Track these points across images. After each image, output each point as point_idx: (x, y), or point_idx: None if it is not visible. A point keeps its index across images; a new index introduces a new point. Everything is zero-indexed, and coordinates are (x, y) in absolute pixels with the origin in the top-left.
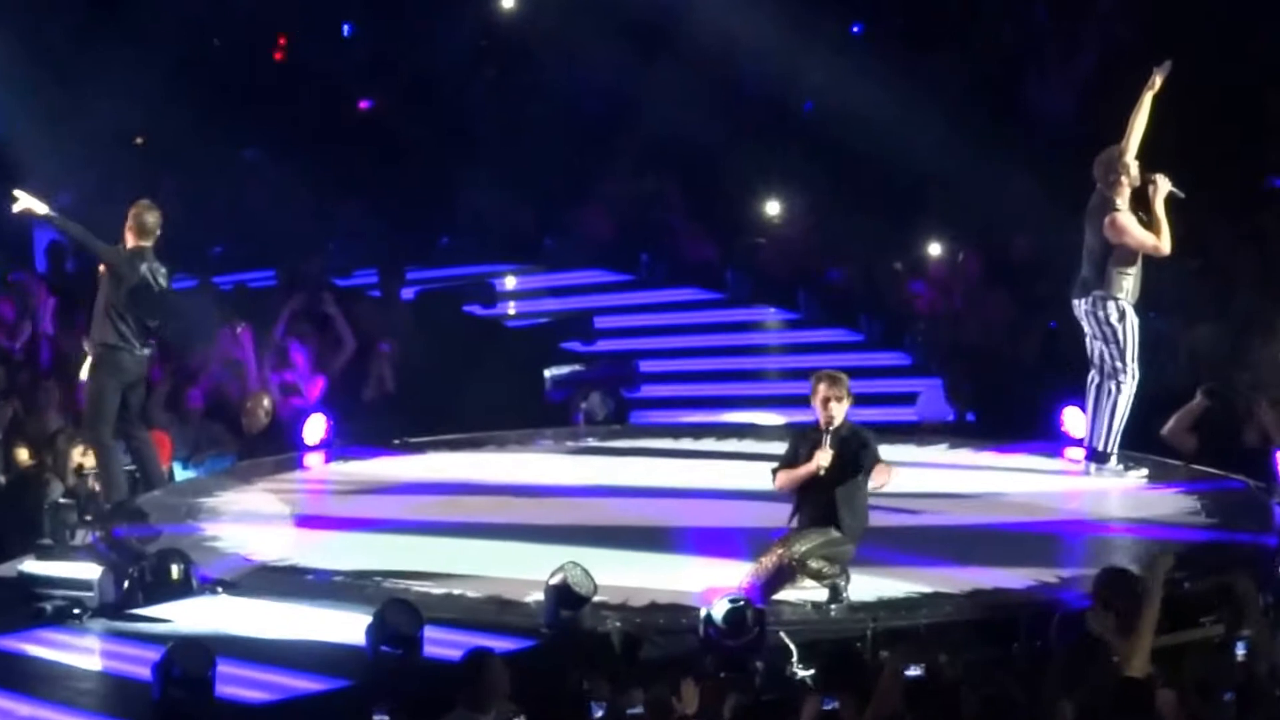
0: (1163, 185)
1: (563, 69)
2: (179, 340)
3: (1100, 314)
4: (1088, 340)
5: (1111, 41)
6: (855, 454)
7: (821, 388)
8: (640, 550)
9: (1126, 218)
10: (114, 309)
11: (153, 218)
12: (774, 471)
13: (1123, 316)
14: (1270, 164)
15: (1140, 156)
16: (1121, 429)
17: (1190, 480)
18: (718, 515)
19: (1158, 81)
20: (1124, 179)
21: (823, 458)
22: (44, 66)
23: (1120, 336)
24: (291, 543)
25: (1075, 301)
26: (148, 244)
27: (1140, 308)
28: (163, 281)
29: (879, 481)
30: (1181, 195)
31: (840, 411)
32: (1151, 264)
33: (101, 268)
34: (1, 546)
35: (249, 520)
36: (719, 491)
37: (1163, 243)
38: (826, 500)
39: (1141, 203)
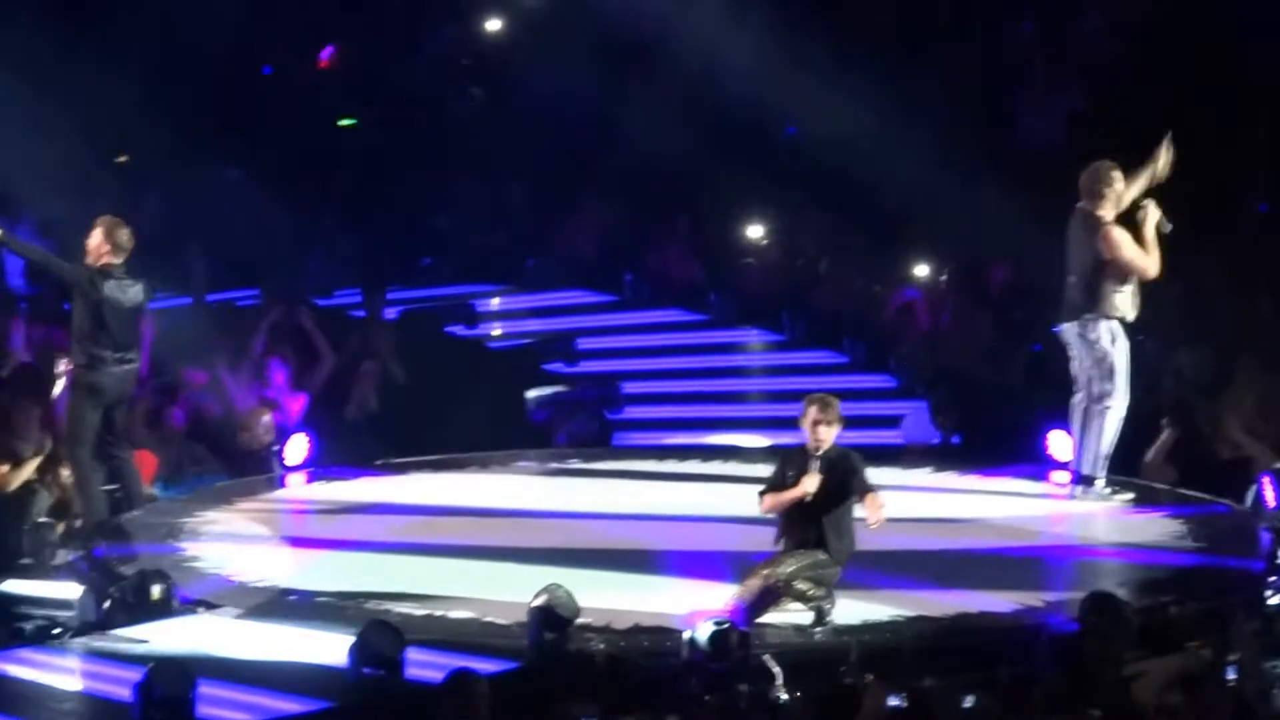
0: (1153, 212)
1: (546, 89)
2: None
3: (1091, 335)
4: (1073, 364)
5: (1098, 65)
6: (843, 478)
7: (812, 411)
8: (624, 572)
9: (1120, 232)
10: (84, 329)
11: (123, 234)
12: (760, 494)
13: (1114, 339)
14: (1257, 188)
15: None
16: (1110, 452)
17: (1177, 504)
18: (702, 537)
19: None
20: (1108, 191)
21: (809, 483)
22: (23, 84)
23: (1110, 358)
24: (273, 563)
25: (1064, 326)
26: (117, 261)
27: (1129, 330)
28: (135, 298)
29: (873, 518)
30: (1168, 228)
31: (829, 436)
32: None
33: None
34: None
35: (231, 540)
36: (703, 514)
37: (1151, 264)
38: (813, 523)
39: (1129, 227)
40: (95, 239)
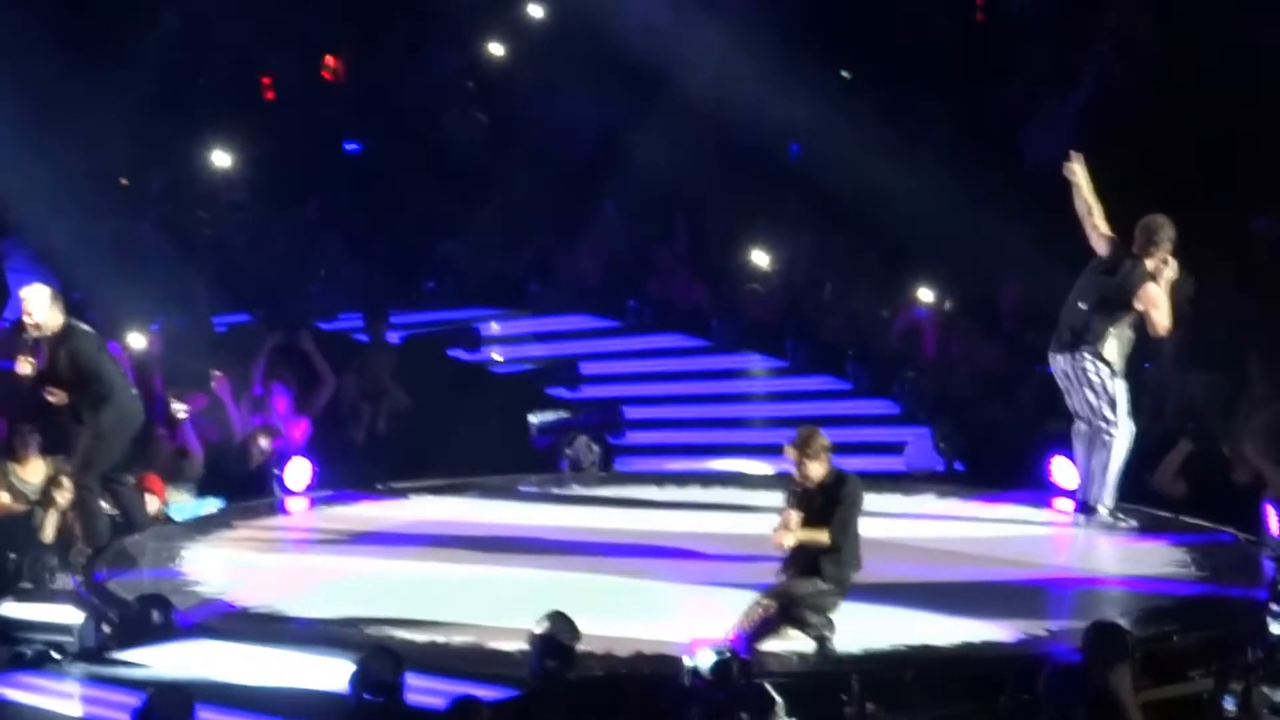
0: (1173, 269)
1: (550, 113)
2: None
3: (1089, 366)
4: (1068, 396)
5: (1105, 87)
6: (835, 505)
7: (790, 452)
8: (625, 599)
9: (1159, 291)
10: (110, 372)
11: (54, 292)
12: (775, 530)
13: (1113, 373)
14: (1256, 205)
15: (1130, 204)
16: (1116, 482)
17: (1180, 532)
18: (703, 564)
19: (1078, 171)
20: (1164, 248)
21: (788, 521)
22: (24, 106)
23: (1110, 391)
24: (273, 588)
25: (1058, 356)
26: (63, 315)
27: (1134, 358)
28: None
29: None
30: (1189, 293)
31: (813, 469)
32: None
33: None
34: None
35: (231, 565)
36: (705, 540)
37: (1167, 323)
38: (814, 551)
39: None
40: (39, 312)
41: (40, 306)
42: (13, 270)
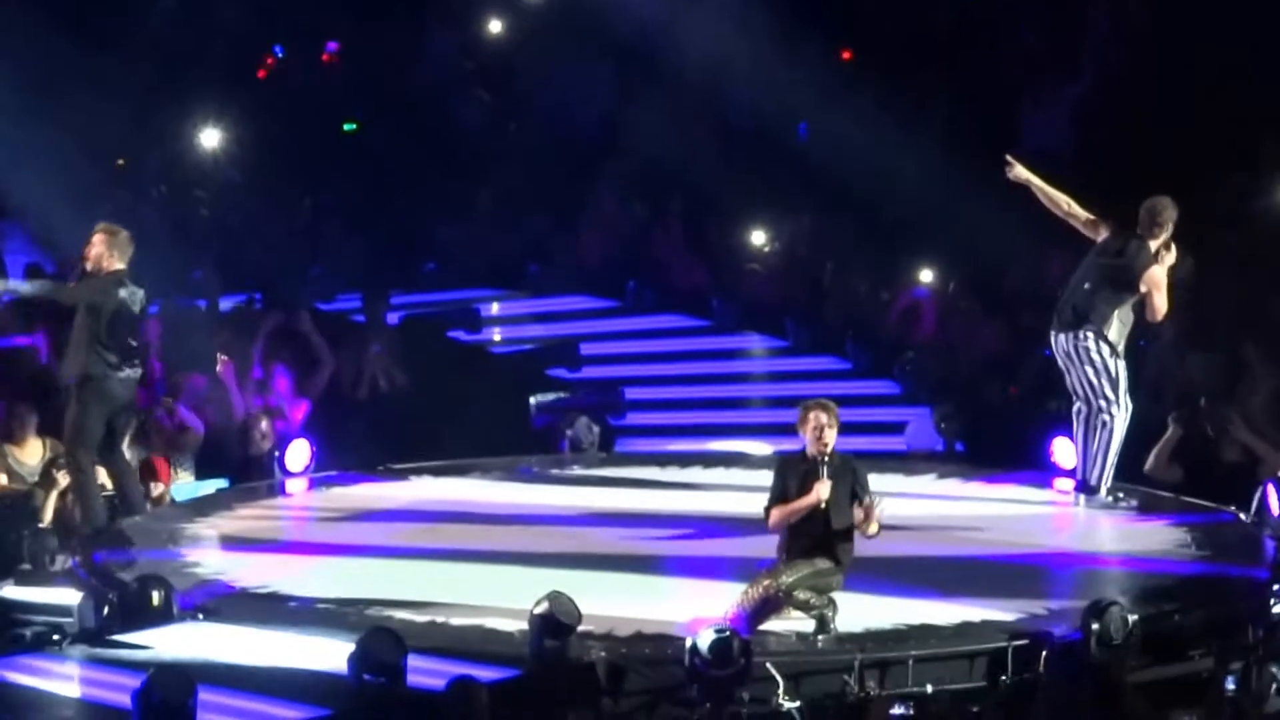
0: (1173, 255)
1: (550, 93)
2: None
3: (1091, 345)
4: (1068, 375)
5: (1106, 67)
6: (847, 484)
7: (813, 416)
8: (626, 579)
9: (1162, 274)
10: (95, 337)
11: (124, 239)
12: (766, 510)
13: (1114, 353)
14: (1259, 188)
15: (1129, 188)
16: (1115, 462)
17: (1180, 512)
18: (704, 544)
19: (1021, 172)
20: (1167, 228)
21: (823, 490)
22: (20, 86)
23: (1112, 370)
24: (273, 569)
25: (1060, 335)
26: (122, 266)
27: (1132, 337)
28: (140, 303)
29: (871, 528)
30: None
31: (833, 439)
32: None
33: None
34: None
35: (230, 546)
36: (705, 520)
37: (1165, 308)
38: (817, 530)
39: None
40: (98, 246)
41: (100, 243)
42: (10, 251)
